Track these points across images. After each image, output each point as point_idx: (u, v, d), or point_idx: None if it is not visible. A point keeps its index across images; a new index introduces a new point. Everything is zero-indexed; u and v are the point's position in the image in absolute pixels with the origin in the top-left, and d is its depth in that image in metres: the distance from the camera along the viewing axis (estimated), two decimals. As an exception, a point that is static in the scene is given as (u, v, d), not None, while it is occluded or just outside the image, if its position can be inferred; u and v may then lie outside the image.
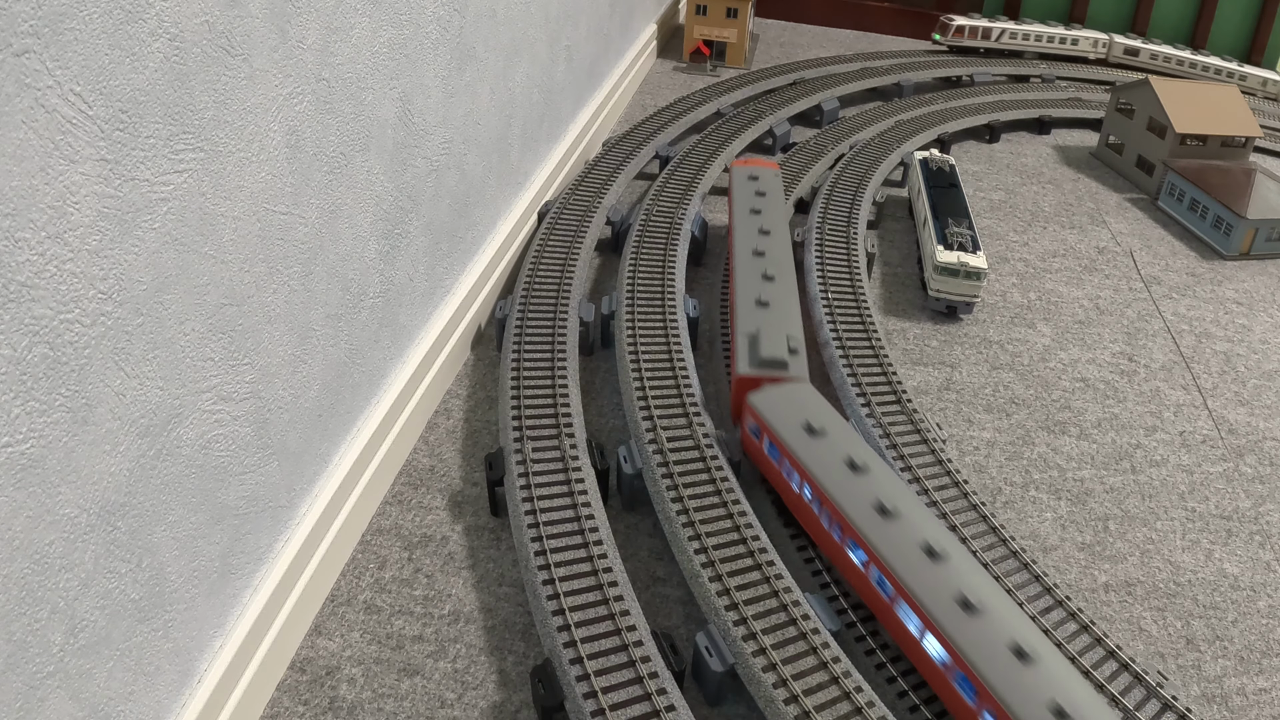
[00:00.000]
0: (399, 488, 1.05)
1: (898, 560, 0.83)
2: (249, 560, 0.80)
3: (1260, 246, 1.72)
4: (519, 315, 1.20)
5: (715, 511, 0.93)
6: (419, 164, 1.05)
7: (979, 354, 1.38)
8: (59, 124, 0.53)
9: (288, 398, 0.84)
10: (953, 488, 1.02)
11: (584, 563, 0.87)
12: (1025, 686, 0.73)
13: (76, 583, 0.59)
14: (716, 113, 2.02)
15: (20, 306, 0.52)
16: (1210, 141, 1.91)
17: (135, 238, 0.60)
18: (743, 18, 2.40)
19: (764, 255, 1.25)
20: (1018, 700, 0.72)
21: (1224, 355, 1.42)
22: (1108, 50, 2.54)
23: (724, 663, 0.80)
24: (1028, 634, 0.77)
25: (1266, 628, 0.97)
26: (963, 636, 0.77)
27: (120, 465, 0.62)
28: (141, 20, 0.58)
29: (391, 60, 0.94)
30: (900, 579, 0.82)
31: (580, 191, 1.52)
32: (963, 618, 0.78)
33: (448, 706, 0.82)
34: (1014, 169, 2.03)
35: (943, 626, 0.78)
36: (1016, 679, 0.73)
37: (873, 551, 0.84)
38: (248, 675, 0.78)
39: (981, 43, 2.49)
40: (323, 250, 0.86)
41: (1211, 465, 1.19)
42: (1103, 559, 1.04)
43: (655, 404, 1.06)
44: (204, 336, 0.69)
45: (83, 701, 0.61)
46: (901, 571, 0.82)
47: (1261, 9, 2.64)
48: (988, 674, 0.74)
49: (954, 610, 0.79)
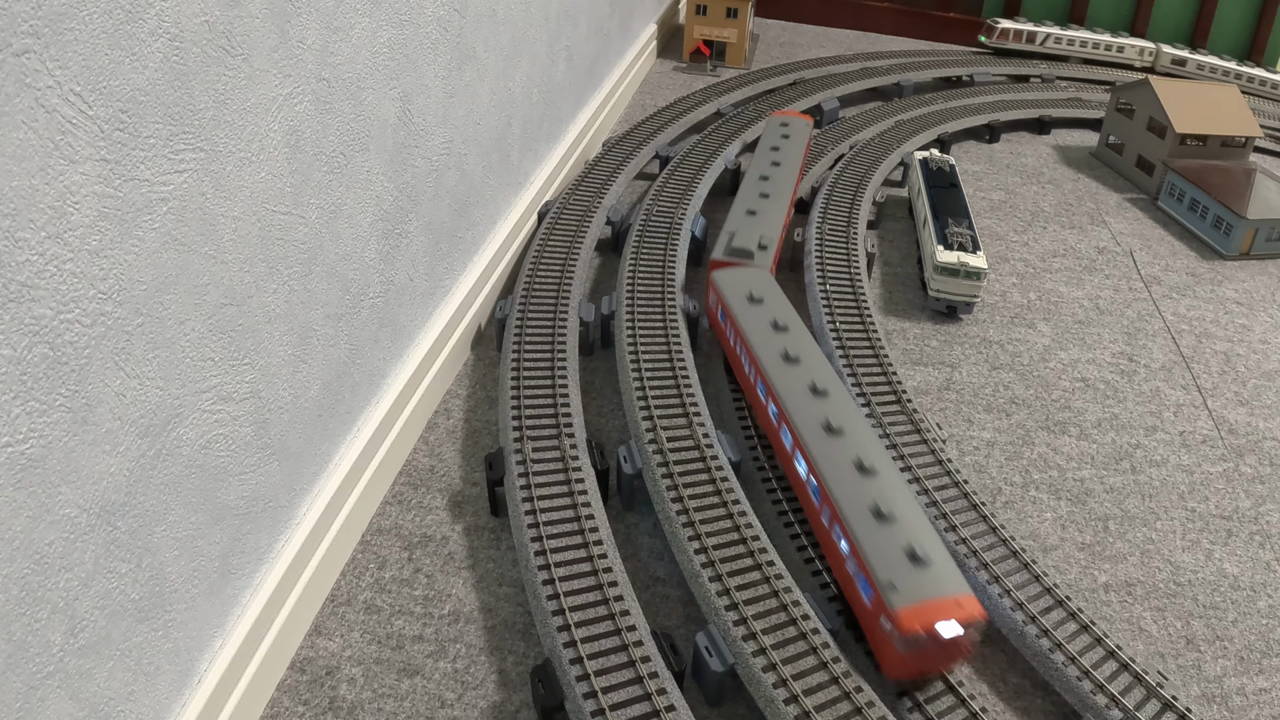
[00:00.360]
0: (399, 488, 1.05)
1: (790, 398, 0.99)
2: (249, 560, 0.80)
3: (1260, 246, 1.72)
4: (519, 315, 1.20)
5: (715, 511, 0.93)
6: (419, 164, 1.05)
7: (979, 354, 1.38)
8: (59, 124, 0.53)
9: (288, 398, 0.84)
10: (953, 488, 1.02)
11: (584, 563, 0.87)
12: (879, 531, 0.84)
13: (76, 583, 0.59)
14: (716, 113, 2.02)
15: (20, 306, 0.52)
16: (1210, 141, 1.91)
17: (135, 238, 0.60)
18: (743, 18, 2.40)
19: (768, 179, 1.48)
20: (858, 520, 0.85)
21: (1224, 355, 1.42)
22: (1154, 59, 2.53)
23: (724, 663, 0.80)
24: (895, 494, 0.88)
25: (1266, 628, 0.97)
26: (822, 456, 0.92)
27: (120, 465, 0.62)
28: (141, 20, 0.58)
29: (391, 60, 0.94)
30: (787, 410, 0.98)
31: (580, 191, 1.52)
32: (825, 439, 0.94)
33: (448, 706, 0.82)
34: (1014, 169, 2.03)
35: (814, 456, 0.92)
36: (876, 537, 0.84)
37: (772, 392, 1.01)
38: (248, 675, 0.78)
39: (1026, 46, 2.49)
40: (323, 250, 0.86)
41: (1211, 465, 1.19)
42: (1103, 559, 1.04)
43: (655, 404, 1.06)
44: (204, 336, 0.69)
45: (83, 701, 0.61)
46: (790, 406, 0.98)
47: (1261, 9, 2.64)
48: (832, 484, 0.89)
49: (820, 434, 0.94)
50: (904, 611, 0.77)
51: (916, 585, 0.79)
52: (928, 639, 0.77)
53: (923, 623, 0.77)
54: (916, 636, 0.77)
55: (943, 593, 0.79)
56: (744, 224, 1.35)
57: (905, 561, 0.81)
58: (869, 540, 0.83)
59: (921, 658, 0.80)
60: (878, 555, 0.81)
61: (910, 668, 0.81)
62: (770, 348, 1.06)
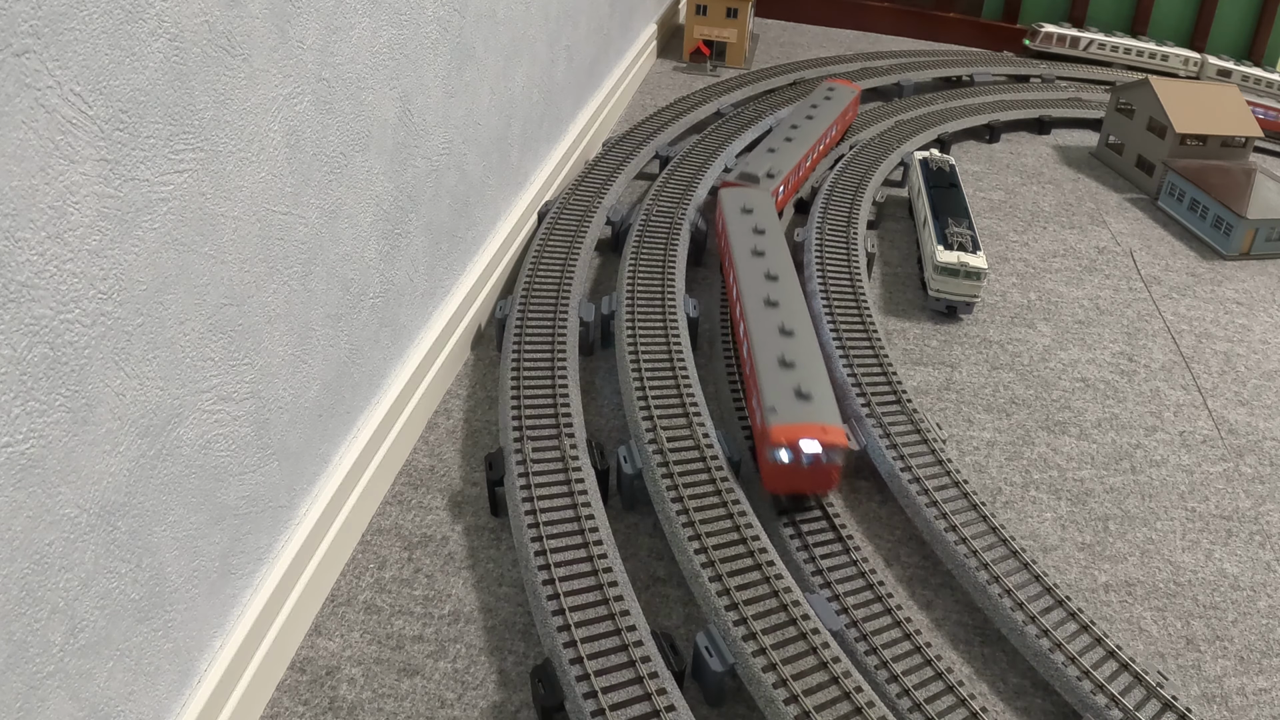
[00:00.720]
0: (399, 488, 1.05)
1: (746, 280, 1.19)
2: (249, 560, 0.80)
3: (1260, 246, 1.72)
4: (519, 315, 1.20)
5: (715, 511, 0.93)
6: (419, 164, 1.05)
7: (979, 354, 1.38)
8: (59, 124, 0.53)
9: (288, 398, 0.84)
10: (953, 488, 1.02)
11: (584, 563, 0.87)
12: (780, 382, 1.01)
13: (76, 583, 0.59)
14: (716, 113, 2.02)
15: (20, 306, 0.52)
16: (1210, 141, 1.91)
17: (135, 238, 0.60)
18: (743, 18, 2.40)
19: (796, 129, 1.71)
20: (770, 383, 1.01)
21: (1224, 355, 1.42)
22: (1199, 69, 2.53)
23: (724, 663, 0.80)
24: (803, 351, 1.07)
25: (1266, 628, 0.97)
26: (756, 322, 1.11)
27: (120, 465, 0.62)
28: (141, 20, 0.58)
29: (391, 60, 0.94)
30: (740, 289, 1.17)
31: (580, 191, 1.52)
32: (762, 310, 1.13)
33: (448, 706, 0.82)
34: (1014, 169, 2.03)
35: (749, 322, 1.11)
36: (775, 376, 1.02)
37: (736, 277, 1.21)
38: (248, 675, 0.78)
39: (1069, 50, 2.50)
40: (323, 250, 0.86)
41: (1211, 465, 1.19)
42: (1103, 559, 1.04)
43: (655, 404, 1.06)
44: (204, 336, 0.69)
45: (83, 701, 0.61)
46: (744, 286, 1.18)
47: (1261, 9, 2.64)
48: (755, 341, 1.08)
49: (760, 307, 1.13)
50: (775, 428, 0.94)
51: (793, 412, 0.96)
52: (792, 453, 0.93)
53: (788, 437, 0.93)
54: (782, 448, 0.93)
55: (814, 420, 0.95)
56: (761, 158, 1.59)
57: (791, 396, 0.99)
58: (768, 379, 1.02)
59: (792, 474, 0.95)
60: (771, 390, 1.00)
61: (782, 483, 0.97)
62: (745, 245, 1.27)
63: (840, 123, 1.86)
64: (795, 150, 1.63)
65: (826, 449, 0.93)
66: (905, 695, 0.82)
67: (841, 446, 0.95)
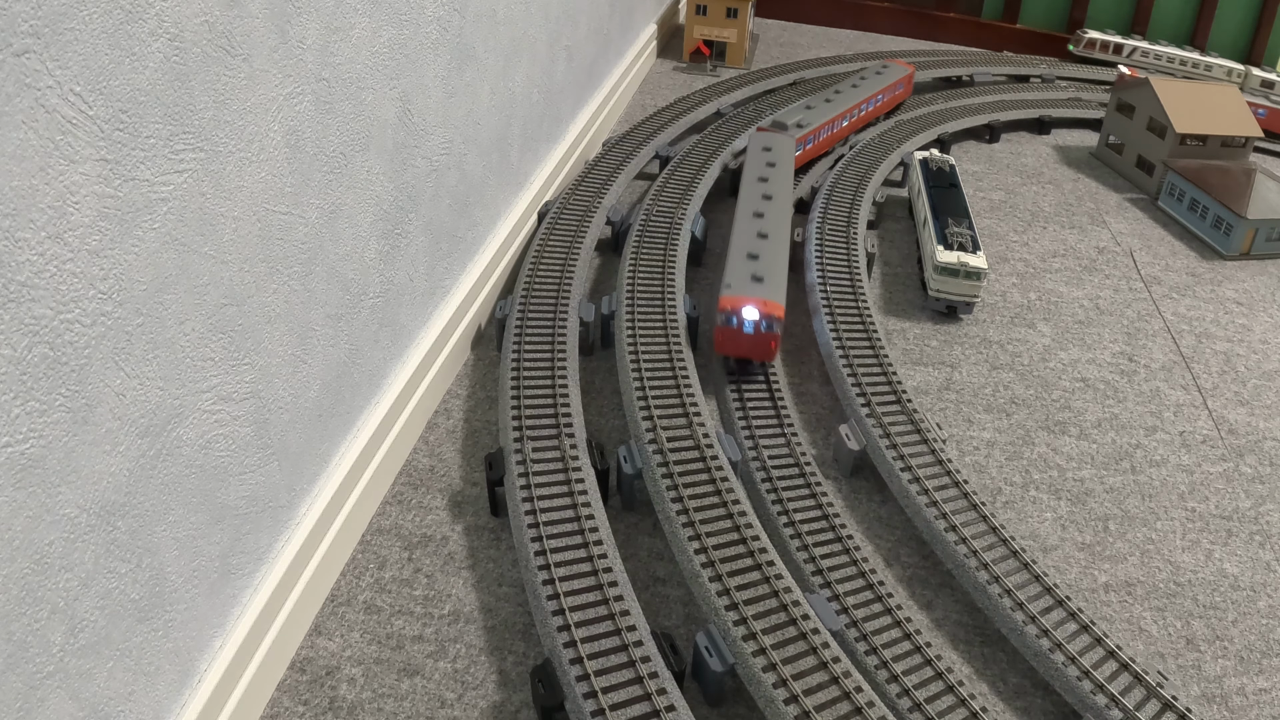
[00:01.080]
0: (399, 488, 1.05)
1: (746, 195, 1.41)
2: (249, 560, 0.80)
3: (1260, 246, 1.72)
4: (519, 315, 1.20)
5: (715, 511, 0.93)
6: (419, 164, 1.05)
7: (979, 354, 1.38)
8: (59, 124, 0.53)
9: (288, 398, 0.84)
10: (953, 488, 1.02)
11: (584, 563, 0.87)
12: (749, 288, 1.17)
13: (76, 583, 0.59)
14: (716, 113, 2.02)
15: (20, 306, 0.52)
16: (1210, 141, 1.91)
17: (135, 238, 0.60)
18: (743, 18, 2.40)
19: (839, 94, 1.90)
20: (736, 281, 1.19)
21: (1224, 355, 1.42)
22: (1243, 80, 2.54)
23: (724, 663, 0.81)
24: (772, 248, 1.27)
25: (1266, 628, 0.97)
26: (742, 224, 1.32)
27: (120, 465, 0.62)
28: (141, 20, 0.58)
29: (391, 60, 0.94)
30: (739, 202, 1.39)
31: (580, 191, 1.52)
32: (750, 218, 1.34)
33: (448, 706, 0.82)
34: (1014, 169, 2.03)
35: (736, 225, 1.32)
36: (740, 264, 1.22)
37: (738, 198, 1.41)
38: (248, 675, 0.78)
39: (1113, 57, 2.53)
40: (323, 250, 0.86)
41: (1211, 465, 1.19)
42: (1103, 559, 1.04)
43: (655, 404, 1.06)
44: (204, 336, 0.69)
45: (83, 701, 0.61)
46: (742, 198, 1.40)
47: (1261, 9, 2.64)
48: (734, 239, 1.29)
49: (749, 215, 1.35)
50: (724, 298, 1.15)
51: (744, 289, 1.16)
52: (736, 319, 1.14)
53: (733, 305, 1.14)
54: (727, 314, 1.14)
55: (759, 296, 1.15)
56: (795, 111, 1.79)
57: (747, 278, 1.19)
58: (733, 265, 1.22)
59: (737, 338, 1.15)
60: (732, 272, 1.20)
61: (730, 346, 1.16)
62: (755, 174, 1.47)
63: (888, 96, 2.02)
64: (828, 111, 1.80)
65: (764, 317, 1.13)
66: (905, 695, 0.82)
67: (778, 318, 1.13)
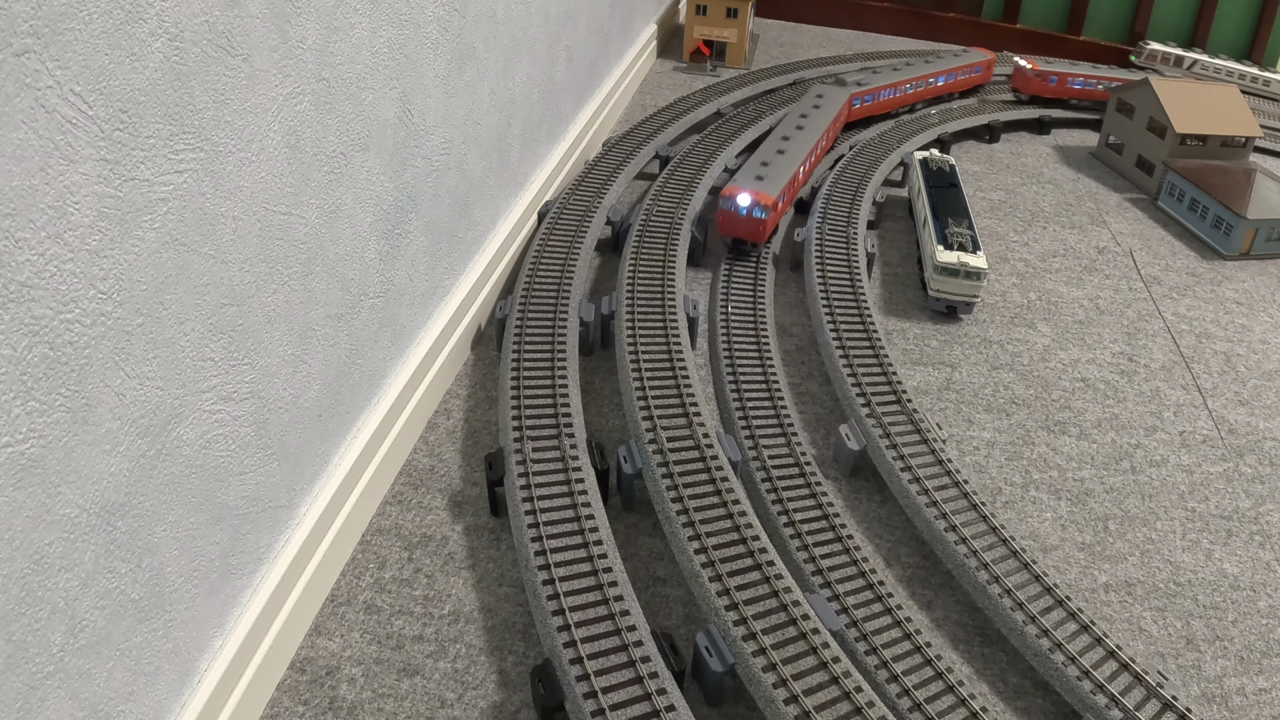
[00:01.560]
0: (399, 488, 1.05)
1: (784, 125, 1.70)
2: (249, 560, 0.80)
3: (1260, 246, 1.72)
4: (519, 315, 1.20)
5: (715, 511, 0.93)
6: (419, 164, 1.05)
7: (979, 354, 1.38)
8: (59, 124, 0.53)
9: (288, 398, 0.84)
10: (953, 488, 1.02)
11: (584, 563, 0.87)
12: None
13: (76, 583, 0.59)
14: (716, 113, 2.02)
15: (20, 306, 0.52)
16: (1210, 141, 1.91)
17: (135, 238, 0.60)
18: (743, 18, 2.40)
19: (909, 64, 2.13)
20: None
21: (1224, 355, 1.42)
22: None
23: (724, 663, 0.81)
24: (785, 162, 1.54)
25: (1266, 628, 0.97)
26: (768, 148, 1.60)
27: (120, 465, 0.62)
28: (141, 20, 0.58)
29: (391, 60, 0.94)
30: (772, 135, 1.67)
31: (580, 191, 1.52)
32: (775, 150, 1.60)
33: (448, 706, 0.82)
34: (1014, 169, 2.03)
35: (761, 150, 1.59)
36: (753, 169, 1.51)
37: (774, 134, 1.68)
38: (248, 675, 0.78)
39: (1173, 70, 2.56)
40: (323, 250, 0.86)
41: (1211, 465, 1.19)
42: (1103, 559, 1.04)
43: (655, 404, 1.06)
44: (204, 336, 0.69)
45: (83, 701, 0.61)
46: (780, 126, 1.70)
47: (1261, 9, 2.64)
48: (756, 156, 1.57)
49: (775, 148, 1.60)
50: (727, 188, 1.42)
51: (746, 183, 1.44)
52: (733, 204, 1.40)
53: (730, 192, 1.40)
54: (727, 199, 1.40)
55: (756, 189, 1.41)
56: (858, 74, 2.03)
57: (753, 177, 1.46)
58: (746, 169, 1.49)
59: (734, 220, 1.42)
60: (743, 174, 1.48)
61: (727, 227, 1.43)
62: (802, 109, 1.77)
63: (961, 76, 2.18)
64: (888, 77, 2.01)
65: (755, 204, 1.39)
66: (905, 695, 0.82)
67: (765, 205, 1.39)
